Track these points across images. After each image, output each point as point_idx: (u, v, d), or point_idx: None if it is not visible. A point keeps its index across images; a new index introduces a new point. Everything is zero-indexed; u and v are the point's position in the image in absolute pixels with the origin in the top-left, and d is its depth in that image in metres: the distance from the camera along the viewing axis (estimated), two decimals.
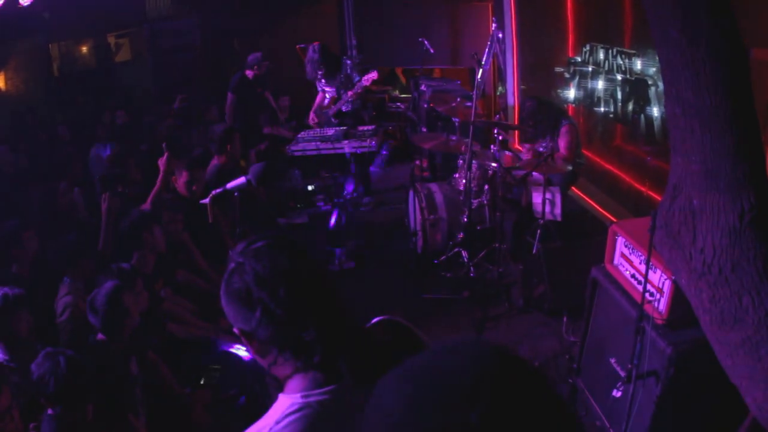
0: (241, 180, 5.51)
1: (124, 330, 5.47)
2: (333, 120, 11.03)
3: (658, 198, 7.96)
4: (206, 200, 5.69)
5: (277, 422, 2.26)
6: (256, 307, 2.27)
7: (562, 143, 8.90)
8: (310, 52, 11.45)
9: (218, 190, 5.62)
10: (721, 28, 3.15)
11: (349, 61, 11.84)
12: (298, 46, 13.65)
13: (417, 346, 2.61)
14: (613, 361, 5.52)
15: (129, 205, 7.37)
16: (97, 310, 5.34)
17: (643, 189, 9.07)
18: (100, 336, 5.42)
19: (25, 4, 12.25)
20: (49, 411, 4.70)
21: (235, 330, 2.39)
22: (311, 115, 11.74)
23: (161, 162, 7.59)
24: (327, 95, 11.73)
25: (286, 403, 2.31)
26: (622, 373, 5.12)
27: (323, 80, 11.56)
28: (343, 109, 11.41)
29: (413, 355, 1.47)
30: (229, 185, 5.57)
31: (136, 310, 5.65)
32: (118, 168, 9.01)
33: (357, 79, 11.45)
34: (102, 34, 15.68)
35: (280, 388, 2.41)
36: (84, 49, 15.84)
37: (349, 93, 11.22)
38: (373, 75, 11.05)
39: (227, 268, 2.39)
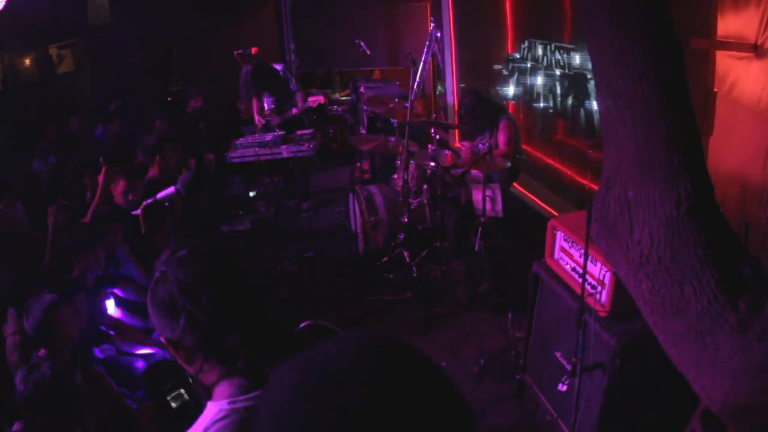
0: (171, 190, 5.45)
1: (63, 344, 5.37)
2: (277, 130, 11.00)
3: None
4: (137, 211, 5.62)
5: (206, 430, 2.24)
6: (179, 314, 2.26)
7: (501, 138, 8.90)
8: (242, 76, 11.51)
9: (149, 201, 5.56)
10: (651, 17, 3.13)
11: (291, 76, 11.87)
12: (235, 52, 13.58)
13: None
14: (558, 354, 5.53)
15: (75, 216, 7.25)
16: (31, 324, 5.26)
17: (585, 182, 9.10)
18: (42, 351, 5.32)
19: None
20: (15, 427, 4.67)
21: (162, 339, 2.38)
22: (256, 117, 11.74)
23: (100, 176, 7.51)
24: (265, 105, 11.74)
25: (213, 410, 2.29)
26: (568, 367, 5.13)
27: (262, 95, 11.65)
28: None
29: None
30: (159, 195, 5.51)
31: (75, 324, 5.55)
32: (57, 180, 8.88)
33: (295, 88, 11.54)
34: (44, 45, 15.53)
35: (209, 395, 2.39)
36: (27, 61, 15.67)
37: (294, 111, 11.28)
38: (320, 99, 11.15)
39: (153, 277, 2.37)
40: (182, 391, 6.27)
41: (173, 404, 6.24)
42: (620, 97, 3.19)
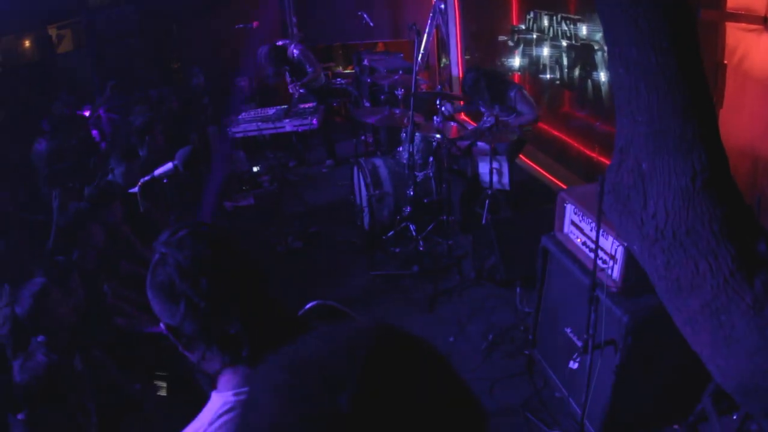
0: (168, 166, 5.38)
1: (59, 327, 5.28)
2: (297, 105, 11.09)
3: (608, 163, 7.91)
4: (135, 189, 5.55)
5: (211, 423, 2.13)
6: (179, 300, 2.15)
7: (523, 108, 8.78)
8: (260, 56, 11.61)
9: (146, 178, 5.49)
10: None
11: (295, 50, 11.85)
12: (236, 27, 13.47)
13: None
14: (568, 330, 5.46)
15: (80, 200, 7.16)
16: (23, 311, 5.17)
17: (593, 154, 9.01)
18: (41, 337, 5.23)
19: None
20: (19, 416, 4.62)
21: (162, 325, 2.25)
22: (290, 87, 11.82)
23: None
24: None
25: (218, 402, 2.19)
26: (579, 343, 5.05)
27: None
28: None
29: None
30: (157, 172, 5.45)
31: (69, 307, 5.45)
32: (67, 162, 8.76)
33: (311, 69, 11.62)
34: (43, 26, 15.44)
35: (213, 385, 2.27)
36: (26, 42, 15.57)
37: (299, 91, 11.35)
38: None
39: (152, 259, 2.25)
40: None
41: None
42: (633, 65, 3.10)
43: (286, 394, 1.25)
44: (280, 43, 12.04)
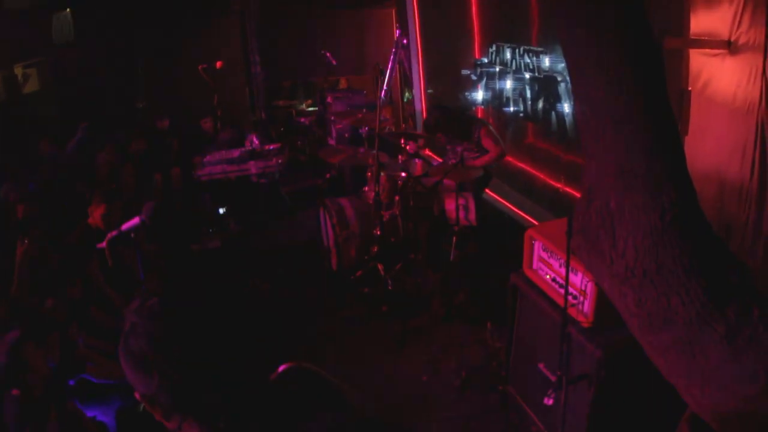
0: (135, 221, 5.34)
1: (34, 379, 5.22)
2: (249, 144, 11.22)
3: (574, 193, 7.92)
4: (103, 244, 5.51)
5: None
6: (152, 371, 2.09)
7: (488, 144, 8.78)
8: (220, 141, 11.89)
9: (113, 233, 5.45)
10: (630, 23, 3.05)
11: (255, 140, 12.04)
12: (200, 66, 13.44)
13: (325, 393, 2.41)
14: (542, 366, 5.44)
15: (44, 251, 7.06)
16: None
17: (557, 185, 9.04)
18: (15, 391, 5.17)
19: None
20: None
21: (137, 395, 2.19)
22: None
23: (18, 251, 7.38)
24: None
25: None
26: (552, 378, 5.03)
27: None
28: None
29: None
30: (124, 227, 5.40)
31: (44, 361, 5.40)
32: (35, 207, 8.63)
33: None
34: (9, 65, 15.35)
35: None
36: None
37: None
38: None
39: (124, 327, 2.19)
40: None
41: None
42: (599, 105, 3.11)
43: None
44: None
